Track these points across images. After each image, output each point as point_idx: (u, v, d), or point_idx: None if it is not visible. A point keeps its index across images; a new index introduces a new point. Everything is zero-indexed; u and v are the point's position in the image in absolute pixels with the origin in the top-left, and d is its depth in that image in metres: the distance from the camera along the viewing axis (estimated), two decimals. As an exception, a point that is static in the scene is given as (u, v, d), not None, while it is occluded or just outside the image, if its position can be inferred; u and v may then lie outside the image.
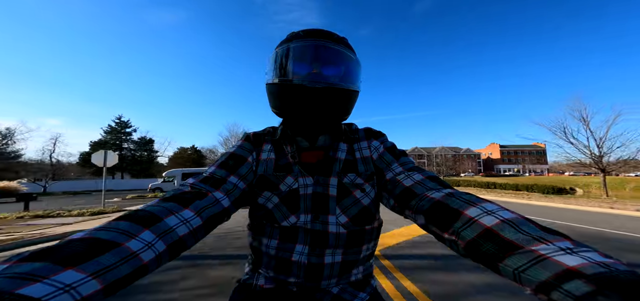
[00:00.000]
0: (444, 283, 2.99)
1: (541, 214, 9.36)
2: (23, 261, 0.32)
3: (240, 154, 0.70)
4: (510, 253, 0.38)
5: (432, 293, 2.72)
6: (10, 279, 0.28)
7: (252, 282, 0.70)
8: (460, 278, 3.08)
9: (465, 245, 0.44)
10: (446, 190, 0.54)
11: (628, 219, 8.30)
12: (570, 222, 7.69)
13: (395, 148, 0.72)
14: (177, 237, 0.47)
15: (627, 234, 5.97)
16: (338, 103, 0.68)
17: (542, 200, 15.21)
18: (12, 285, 0.28)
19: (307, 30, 0.70)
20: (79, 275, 0.33)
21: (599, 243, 4.92)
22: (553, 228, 0.39)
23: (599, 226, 6.90)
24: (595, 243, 4.92)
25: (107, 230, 0.40)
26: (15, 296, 0.27)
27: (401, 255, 4.09)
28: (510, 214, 0.43)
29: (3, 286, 0.27)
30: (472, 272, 3.19)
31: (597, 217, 8.67)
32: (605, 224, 7.27)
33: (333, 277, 0.65)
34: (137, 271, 0.40)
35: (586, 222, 7.73)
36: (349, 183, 0.66)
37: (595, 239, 5.42)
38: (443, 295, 2.68)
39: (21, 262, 0.31)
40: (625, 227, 6.79)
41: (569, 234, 0.37)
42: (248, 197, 0.68)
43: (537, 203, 13.67)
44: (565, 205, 12.57)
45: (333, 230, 0.63)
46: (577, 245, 0.35)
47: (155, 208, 0.48)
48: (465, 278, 3.07)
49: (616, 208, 10.56)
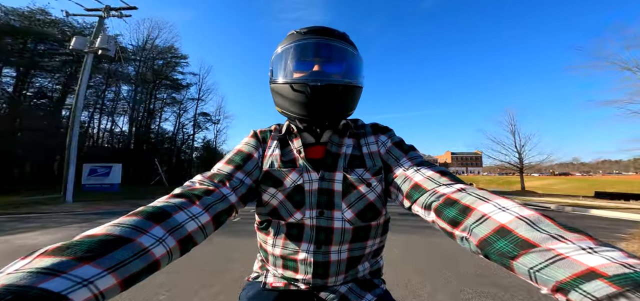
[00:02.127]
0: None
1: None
2: (43, 256, 0.33)
3: (247, 150, 0.70)
4: (526, 251, 0.36)
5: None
6: (32, 274, 0.30)
7: (261, 280, 0.71)
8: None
9: (477, 242, 0.43)
10: (457, 185, 0.53)
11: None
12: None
13: (404, 142, 0.71)
14: (186, 233, 0.47)
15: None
16: (341, 99, 0.68)
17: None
18: (34, 280, 0.29)
19: (307, 28, 0.70)
20: (95, 269, 0.33)
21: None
22: (574, 227, 0.37)
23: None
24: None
25: (120, 225, 0.41)
26: (38, 290, 0.28)
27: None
28: (526, 211, 0.41)
29: (26, 281, 0.29)
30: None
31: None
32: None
33: (340, 274, 0.65)
34: (149, 267, 0.40)
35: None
36: (355, 178, 0.65)
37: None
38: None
39: (42, 257, 0.32)
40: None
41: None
42: (254, 193, 0.68)
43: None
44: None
45: (338, 226, 0.63)
46: (600, 244, 0.33)
47: (164, 204, 0.48)
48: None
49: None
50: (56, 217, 7.40)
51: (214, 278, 2.81)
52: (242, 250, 3.84)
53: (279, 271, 0.68)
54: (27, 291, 0.27)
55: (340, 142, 0.71)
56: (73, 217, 7.40)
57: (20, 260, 0.32)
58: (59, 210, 8.67)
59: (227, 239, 4.39)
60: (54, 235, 4.97)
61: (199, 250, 1.09)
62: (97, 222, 0.77)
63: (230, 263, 3.27)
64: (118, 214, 0.69)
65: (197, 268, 3.08)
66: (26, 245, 4.21)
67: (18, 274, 0.29)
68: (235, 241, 4.34)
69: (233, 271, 3.02)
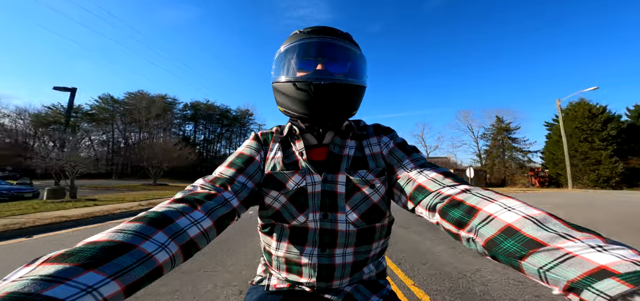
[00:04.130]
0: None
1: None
2: (47, 263, 0.32)
3: (248, 153, 0.70)
4: (534, 250, 0.36)
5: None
6: (36, 281, 0.29)
7: (264, 283, 0.70)
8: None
9: (484, 242, 0.42)
10: (462, 186, 0.52)
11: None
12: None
13: (406, 144, 0.71)
14: (188, 238, 0.47)
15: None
16: (344, 99, 0.67)
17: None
18: (38, 287, 0.29)
19: (311, 27, 0.70)
20: (99, 276, 0.33)
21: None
22: (582, 226, 0.37)
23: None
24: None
25: (123, 232, 0.40)
26: (42, 297, 0.28)
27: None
28: (533, 210, 0.41)
29: (30, 289, 0.28)
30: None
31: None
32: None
33: (345, 277, 0.64)
34: (152, 273, 0.40)
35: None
36: (359, 180, 0.65)
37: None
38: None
39: (45, 264, 0.32)
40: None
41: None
42: (257, 197, 0.67)
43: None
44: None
45: (342, 228, 0.63)
46: (609, 242, 0.33)
47: (166, 210, 0.48)
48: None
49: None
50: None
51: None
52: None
53: (283, 275, 0.67)
54: (31, 299, 0.27)
55: (343, 143, 0.70)
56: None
57: (23, 267, 0.32)
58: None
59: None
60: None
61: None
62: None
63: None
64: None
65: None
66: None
67: (22, 281, 0.29)
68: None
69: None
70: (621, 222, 6.34)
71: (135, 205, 9.13)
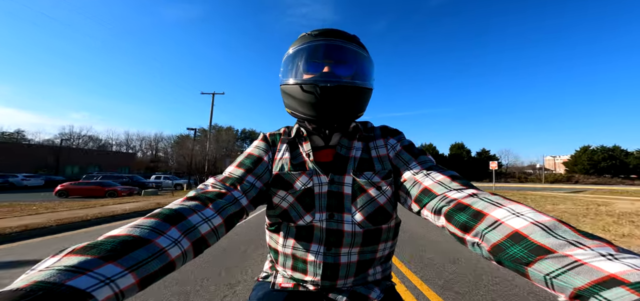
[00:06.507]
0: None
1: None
2: (71, 254, 0.35)
3: (257, 154, 0.71)
4: (541, 257, 0.35)
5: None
6: (61, 271, 0.32)
7: (270, 280, 0.72)
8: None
9: (490, 247, 0.42)
10: (469, 190, 0.52)
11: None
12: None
13: (413, 146, 0.71)
14: (200, 235, 0.49)
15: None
16: (351, 101, 0.68)
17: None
18: (63, 277, 0.31)
19: (319, 30, 0.70)
20: (117, 269, 0.35)
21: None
22: (593, 234, 0.36)
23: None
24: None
25: (140, 227, 0.42)
26: (66, 287, 0.30)
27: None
28: (542, 217, 0.40)
29: (56, 279, 0.31)
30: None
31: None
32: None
33: (349, 277, 0.65)
34: (165, 267, 0.42)
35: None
36: (365, 182, 0.65)
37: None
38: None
39: (70, 255, 0.35)
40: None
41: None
42: (265, 196, 0.69)
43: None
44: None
45: (348, 229, 0.63)
46: (620, 251, 0.32)
47: (180, 207, 0.50)
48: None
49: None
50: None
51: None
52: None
53: (289, 272, 0.69)
54: (56, 288, 0.29)
55: (350, 145, 0.71)
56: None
57: (51, 257, 0.35)
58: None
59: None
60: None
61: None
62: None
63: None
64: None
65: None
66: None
67: (48, 271, 0.31)
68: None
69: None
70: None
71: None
